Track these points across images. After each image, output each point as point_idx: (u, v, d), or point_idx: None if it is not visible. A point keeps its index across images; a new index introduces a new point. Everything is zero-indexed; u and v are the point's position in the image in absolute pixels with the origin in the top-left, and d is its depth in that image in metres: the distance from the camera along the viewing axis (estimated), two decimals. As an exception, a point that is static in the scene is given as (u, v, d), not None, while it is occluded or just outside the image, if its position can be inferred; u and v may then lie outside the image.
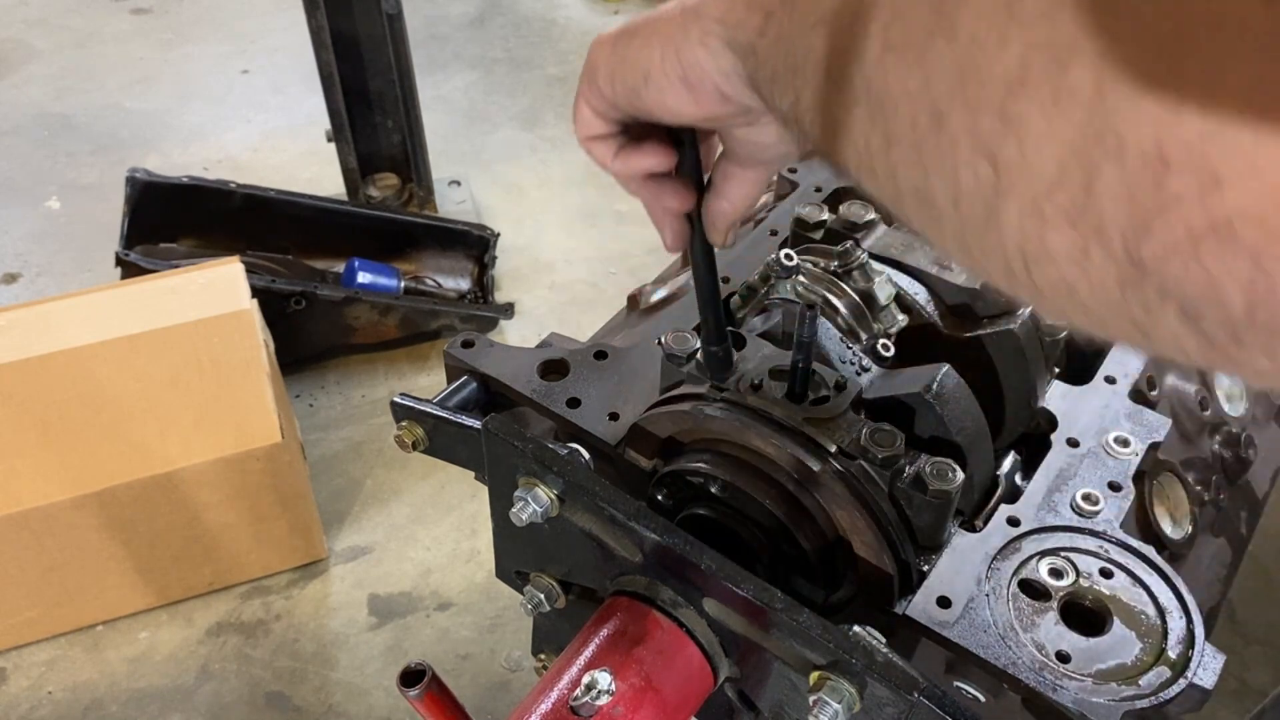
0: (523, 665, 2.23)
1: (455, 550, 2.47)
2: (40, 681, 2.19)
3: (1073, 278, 0.37)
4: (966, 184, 0.40)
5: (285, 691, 2.19)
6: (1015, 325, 1.04)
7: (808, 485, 0.92)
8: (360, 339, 2.87)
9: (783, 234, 1.33)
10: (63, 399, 2.03)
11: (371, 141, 3.16)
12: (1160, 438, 1.09)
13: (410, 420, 1.10)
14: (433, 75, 4.14)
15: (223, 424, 2.12)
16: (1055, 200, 0.36)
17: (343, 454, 2.69)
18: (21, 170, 3.64)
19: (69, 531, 2.07)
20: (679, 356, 0.97)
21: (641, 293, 1.37)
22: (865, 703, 0.79)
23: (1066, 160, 0.35)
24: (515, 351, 1.17)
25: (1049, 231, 0.37)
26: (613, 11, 4.69)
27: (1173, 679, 0.88)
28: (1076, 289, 0.38)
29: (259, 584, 2.38)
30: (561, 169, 3.72)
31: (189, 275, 2.26)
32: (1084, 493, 1.02)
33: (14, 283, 3.19)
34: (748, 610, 0.84)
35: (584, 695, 0.81)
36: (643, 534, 0.88)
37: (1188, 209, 0.32)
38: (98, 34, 4.42)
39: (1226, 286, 0.32)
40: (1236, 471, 1.28)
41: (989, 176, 0.38)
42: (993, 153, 0.38)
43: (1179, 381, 1.25)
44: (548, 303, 3.17)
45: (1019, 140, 0.36)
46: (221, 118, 3.94)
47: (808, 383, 0.92)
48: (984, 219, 0.40)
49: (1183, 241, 0.33)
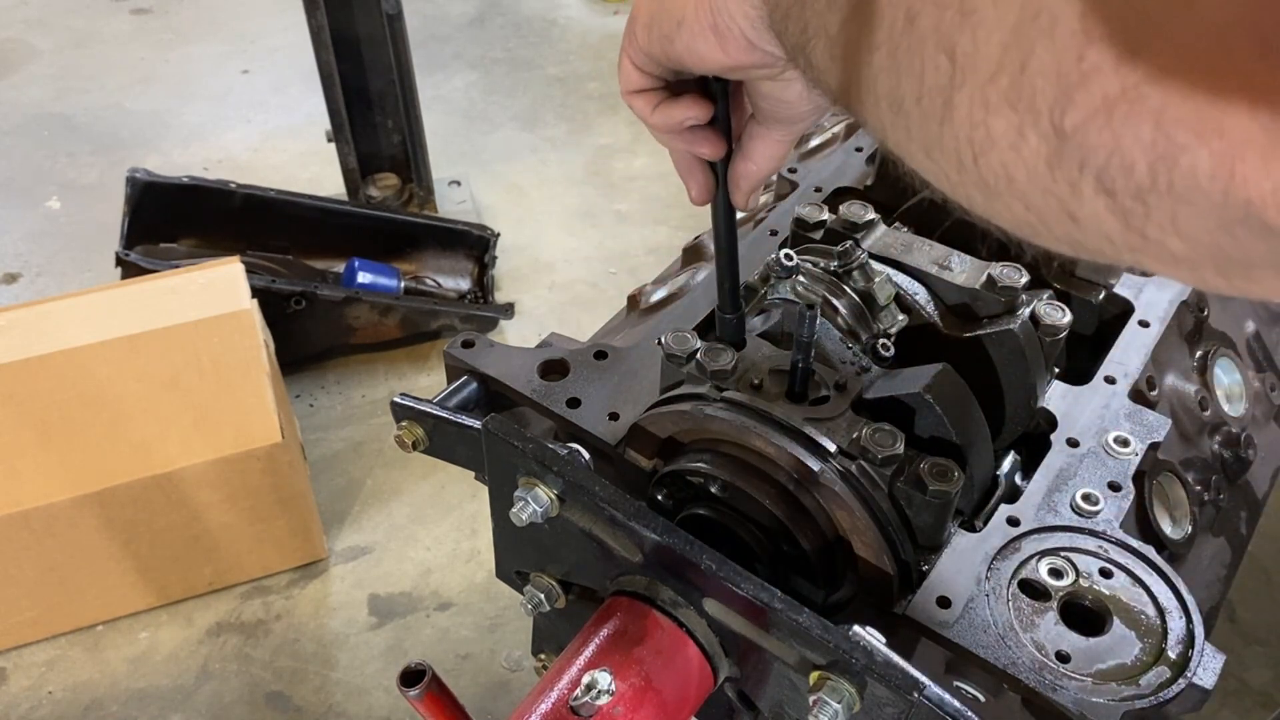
0: (523, 665, 2.23)
1: (455, 550, 2.47)
2: (40, 681, 2.19)
3: (1011, 162, 0.40)
4: (929, 80, 0.43)
5: (285, 691, 2.19)
6: (1015, 325, 1.04)
7: (808, 485, 0.92)
8: (360, 339, 2.87)
9: (783, 234, 1.33)
10: (63, 399, 2.03)
11: (371, 141, 3.16)
12: (1160, 438, 1.09)
13: (410, 420, 1.10)
14: (433, 75, 4.14)
15: (223, 424, 2.12)
16: (998, 84, 0.40)
17: (343, 454, 2.69)
18: (21, 170, 3.64)
19: (69, 531, 2.07)
20: (679, 356, 0.97)
21: (641, 293, 1.37)
22: (865, 703, 0.79)
23: (1008, 43, 0.38)
24: (515, 351, 1.17)
25: (992, 116, 0.40)
26: (613, 11, 4.69)
27: (1172, 679, 0.88)
28: (1015, 176, 0.41)
29: (259, 584, 2.38)
30: (561, 169, 3.72)
31: (189, 275, 2.26)
32: (1084, 493, 1.02)
33: (14, 283, 3.19)
34: (748, 610, 0.84)
35: (584, 695, 0.81)
36: (643, 534, 0.88)
37: (1105, 78, 0.35)
38: (98, 34, 4.42)
39: (1133, 150, 0.35)
40: (1236, 471, 1.28)
41: (946, 69, 0.42)
42: (951, 45, 0.41)
43: (1179, 381, 1.25)
44: (548, 303, 3.17)
45: (973, 30, 0.40)
46: (221, 118, 3.94)
47: (808, 383, 0.92)
48: (941, 112, 0.43)
49: (1099, 109, 0.36)
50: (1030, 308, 1.06)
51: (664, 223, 3.49)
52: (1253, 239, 0.35)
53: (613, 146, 3.83)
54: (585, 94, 4.10)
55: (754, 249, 1.31)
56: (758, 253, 1.29)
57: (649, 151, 3.80)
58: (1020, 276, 1.05)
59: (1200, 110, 0.33)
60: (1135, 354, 1.19)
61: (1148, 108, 0.34)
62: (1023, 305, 1.06)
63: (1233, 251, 0.36)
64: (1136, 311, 1.24)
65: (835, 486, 0.88)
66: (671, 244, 3.35)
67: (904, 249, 1.13)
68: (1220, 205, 0.34)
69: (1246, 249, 0.35)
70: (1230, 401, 1.32)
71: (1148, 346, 1.20)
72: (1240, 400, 1.34)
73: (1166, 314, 1.24)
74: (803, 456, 0.89)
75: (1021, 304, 1.06)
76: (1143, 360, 1.18)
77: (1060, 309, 1.07)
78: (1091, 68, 0.36)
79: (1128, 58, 0.34)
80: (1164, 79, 0.34)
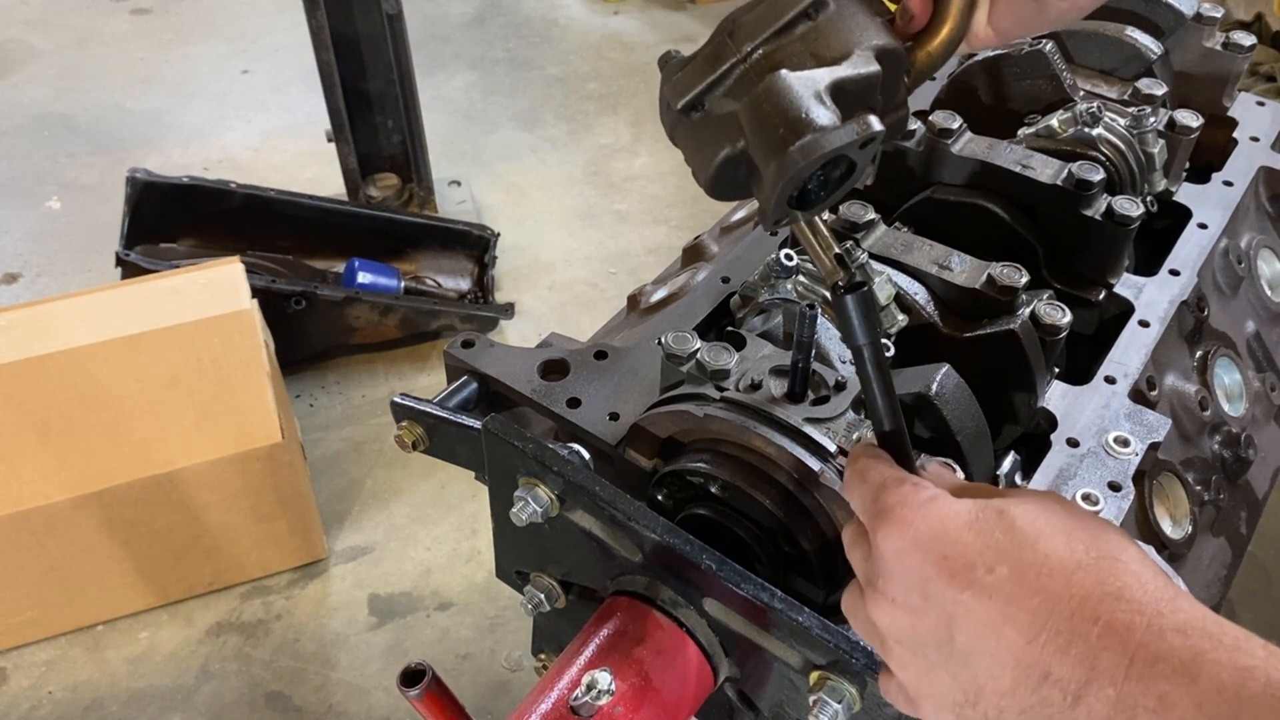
0: (523, 665, 2.23)
1: (455, 550, 2.47)
2: (40, 681, 2.19)
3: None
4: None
5: (285, 691, 2.19)
6: (1015, 325, 1.04)
7: (808, 485, 0.92)
8: (360, 339, 2.87)
9: (782, 234, 1.33)
10: (63, 399, 2.03)
11: (371, 141, 3.16)
12: (1160, 438, 1.09)
13: (410, 420, 1.10)
14: (433, 75, 4.14)
15: (223, 424, 2.12)
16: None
17: (343, 454, 2.69)
18: (21, 170, 3.64)
19: (69, 531, 2.07)
20: (679, 356, 0.97)
21: (641, 293, 1.37)
22: (865, 703, 0.79)
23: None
24: (515, 351, 1.17)
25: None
26: (613, 11, 4.69)
27: (1173, 679, 0.87)
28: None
29: (259, 584, 2.38)
30: (561, 169, 3.72)
31: (189, 275, 2.26)
32: (1084, 493, 1.01)
33: (14, 283, 3.19)
34: (748, 610, 0.84)
35: (584, 695, 0.81)
36: (643, 534, 0.88)
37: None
38: (98, 34, 4.42)
39: None
40: (1236, 471, 1.28)
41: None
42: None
43: (1179, 381, 1.25)
44: (548, 303, 3.17)
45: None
46: (221, 118, 3.94)
47: (808, 383, 0.92)
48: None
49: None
50: (1030, 308, 1.06)
51: (664, 223, 3.49)
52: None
53: (613, 146, 3.83)
54: (585, 94, 4.10)
55: (754, 249, 1.31)
56: (758, 253, 1.29)
57: (649, 151, 3.80)
58: (1020, 276, 1.05)
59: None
60: (1135, 354, 1.19)
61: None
62: (1023, 305, 1.06)
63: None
64: (1136, 311, 1.24)
65: (835, 486, 0.88)
66: (671, 244, 3.35)
67: (904, 249, 1.13)
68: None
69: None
70: (1230, 401, 1.32)
71: (1148, 346, 1.20)
72: (1240, 400, 1.34)
73: (1167, 314, 1.24)
74: (803, 457, 0.89)
75: (1021, 304, 1.06)
76: (1143, 360, 1.18)
77: (1060, 309, 1.07)
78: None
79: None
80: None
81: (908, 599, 0.64)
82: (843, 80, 0.72)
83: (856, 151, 0.71)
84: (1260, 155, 1.51)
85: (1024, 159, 1.22)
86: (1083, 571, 0.59)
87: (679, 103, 0.77)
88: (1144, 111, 1.29)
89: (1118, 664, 0.55)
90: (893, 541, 0.65)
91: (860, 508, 0.70)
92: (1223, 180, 1.45)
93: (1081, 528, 0.62)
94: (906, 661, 0.67)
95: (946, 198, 1.25)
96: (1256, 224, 1.48)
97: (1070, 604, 0.58)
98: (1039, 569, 0.60)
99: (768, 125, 0.72)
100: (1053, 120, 1.29)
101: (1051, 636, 0.58)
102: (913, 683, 0.67)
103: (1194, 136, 1.35)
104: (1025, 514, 0.63)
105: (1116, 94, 1.40)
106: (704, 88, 0.75)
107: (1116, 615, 0.56)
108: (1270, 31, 3.51)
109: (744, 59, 0.74)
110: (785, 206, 0.74)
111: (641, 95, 4.10)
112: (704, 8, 4.74)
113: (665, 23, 4.62)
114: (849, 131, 0.70)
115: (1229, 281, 1.37)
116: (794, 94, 0.71)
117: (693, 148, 0.80)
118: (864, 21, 0.74)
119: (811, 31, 0.73)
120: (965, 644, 0.61)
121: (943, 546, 0.63)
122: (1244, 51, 1.47)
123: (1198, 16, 1.47)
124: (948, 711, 0.65)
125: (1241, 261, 1.39)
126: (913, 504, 0.65)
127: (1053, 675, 0.57)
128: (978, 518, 0.63)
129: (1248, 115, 1.57)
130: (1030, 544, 0.61)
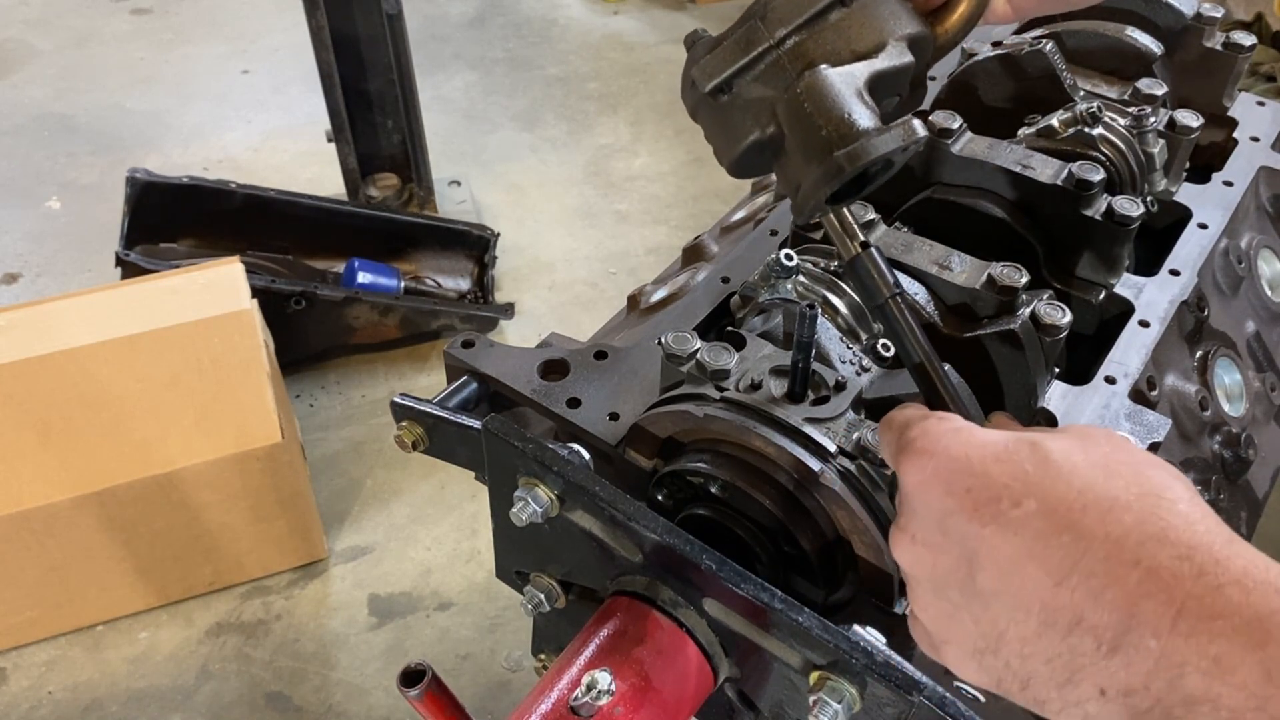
0: (523, 665, 2.23)
1: (455, 550, 2.47)
2: (40, 681, 2.19)
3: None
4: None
5: (285, 691, 2.19)
6: (1015, 325, 1.04)
7: (808, 486, 0.92)
8: (360, 339, 2.87)
9: (783, 234, 1.33)
10: (63, 399, 2.03)
11: (371, 141, 3.16)
12: (1160, 438, 1.09)
13: (410, 420, 1.10)
14: (433, 75, 4.14)
15: (223, 424, 2.12)
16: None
17: (343, 454, 2.69)
18: (21, 170, 3.64)
19: (69, 531, 2.07)
20: (679, 356, 0.97)
21: (641, 293, 1.37)
22: (865, 703, 0.79)
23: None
24: (515, 351, 1.17)
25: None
26: (613, 11, 4.69)
27: (1173, 679, 0.87)
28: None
29: (259, 584, 2.38)
30: (561, 169, 3.72)
31: (189, 275, 2.26)
32: (1084, 493, 1.01)
33: (14, 283, 3.19)
34: (748, 610, 0.84)
35: (584, 695, 0.81)
36: (643, 534, 0.88)
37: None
38: (98, 34, 4.42)
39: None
40: (1236, 472, 1.28)
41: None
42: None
43: (1179, 381, 1.24)
44: (548, 303, 3.17)
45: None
46: (221, 118, 3.94)
47: (808, 383, 0.92)
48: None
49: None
50: (1030, 308, 1.06)
51: (664, 223, 3.49)
52: None
53: (613, 146, 3.83)
54: (585, 94, 4.10)
55: (754, 249, 1.31)
56: (758, 253, 1.29)
57: (649, 151, 3.80)
58: (1020, 276, 1.05)
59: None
60: (1135, 354, 1.19)
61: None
62: (1023, 305, 1.06)
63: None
64: (1136, 311, 1.24)
65: (835, 487, 0.88)
66: (671, 244, 3.35)
67: (904, 249, 1.13)
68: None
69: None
70: (1230, 401, 1.32)
71: (1148, 346, 1.20)
72: (1240, 400, 1.34)
73: (1167, 314, 1.24)
74: (803, 457, 0.88)
75: (1021, 304, 1.06)
76: (1143, 360, 1.18)
77: (1060, 309, 1.07)
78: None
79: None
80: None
81: (928, 535, 0.60)
82: (880, 73, 0.72)
83: (899, 154, 0.72)
84: (1260, 155, 1.51)
85: (1024, 159, 1.22)
86: (1120, 509, 0.53)
87: (708, 85, 0.76)
88: (1144, 111, 1.29)
89: (1161, 614, 0.49)
90: (913, 474, 0.61)
91: (888, 453, 0.66)
92: (1223, 180, 1.45)
93: (1124, 463, 0.56)
94: (928, 604, 0.62)
95: (946, 198, 1.25)
96: (1256, 224, 1.48)
97: (1105, 545, 0.52)
98: (1071, 504, 0.54)
99: (809, 125, 0.72)
100: (1053, 120, 1.29)
101: (1084, 579, 0.52)
102: (935, 627, 0.62)
103: (1194, 136, 1.35)
104: (1062, 447, 0.57)
105: (1116, 94, 1.40)
106: (734, 71, 0.75)
107: (1160, 560, 0.50)
108: (1270, 31, 3.52)
109: (777, 44, 0.74)
110: (823, 204, 0.74)
111: (641, 95, 4.10)
112: (704, 8, 4.74)
113: (665, 23, 4.62)
114: (895, 137, 0.70)
115: (1229, 281, 1.37)
116: (836, 93, 0.71)
117: (718, 129, 0.79)
118: (895, 8, 0.74)
119: (845, 19, 0.73)
120: (987, 584, 0.56)
121: (966, 479, 0.57)
122: (1244, 51, 1.47)
123: (1198, 16, 1.47)
124: (969, 659, 0.60)
125: (1242, 261, 1.39)
126: (934, 434, 0.61)
127: (1085, 621, 0.52)
128: (1007, 448, 0.58)
129: (1248, 115, 1.57)
130: (1064, 477, 0.55)
